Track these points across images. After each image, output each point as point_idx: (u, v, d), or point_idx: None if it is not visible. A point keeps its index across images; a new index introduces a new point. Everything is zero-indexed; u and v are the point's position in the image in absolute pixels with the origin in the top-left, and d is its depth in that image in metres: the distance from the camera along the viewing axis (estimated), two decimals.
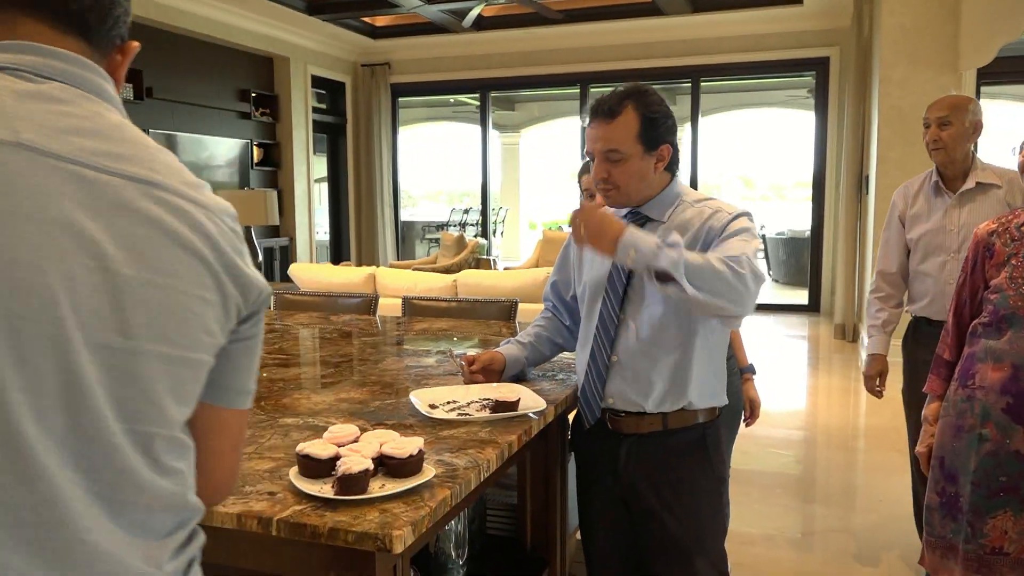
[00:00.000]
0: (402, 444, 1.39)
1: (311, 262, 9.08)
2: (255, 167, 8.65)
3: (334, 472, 1.31)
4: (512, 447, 1.63)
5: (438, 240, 11.26)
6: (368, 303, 3.55)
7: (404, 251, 11.65)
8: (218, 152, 8.10)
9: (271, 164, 8.92)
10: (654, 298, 1.79)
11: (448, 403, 1.84)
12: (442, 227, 13.76)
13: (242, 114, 8.42)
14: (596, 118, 1.79)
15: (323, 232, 10.21)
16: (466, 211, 14.26)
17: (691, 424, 1.82)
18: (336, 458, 1.35)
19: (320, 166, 9.99)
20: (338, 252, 10.31)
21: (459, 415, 1.76)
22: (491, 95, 10.22)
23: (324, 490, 1.30)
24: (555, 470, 2.05)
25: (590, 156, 1.83)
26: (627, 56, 8.95)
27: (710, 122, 12.32)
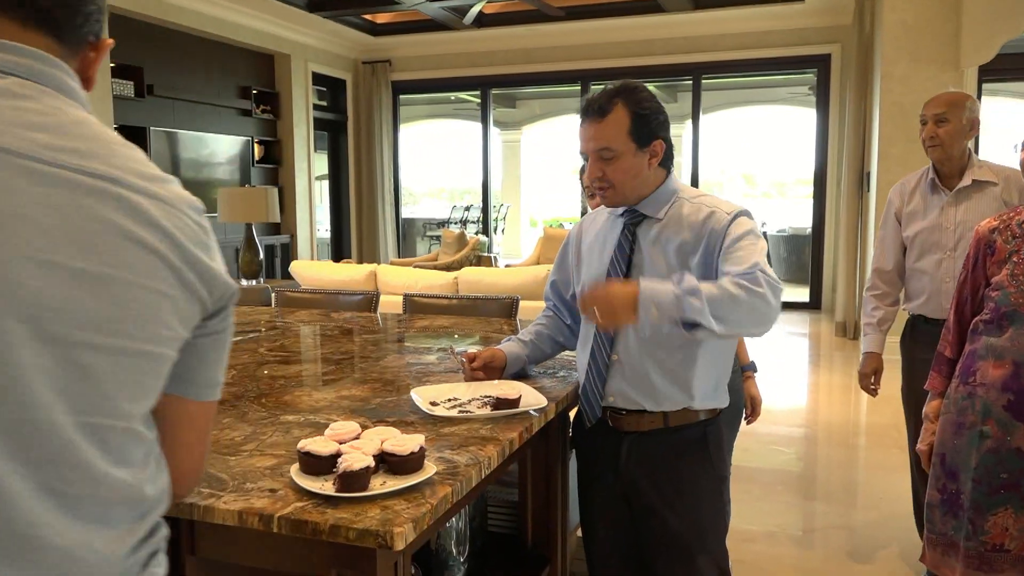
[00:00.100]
0: (403, 441, 1.39)
1: (312, 259, 9.09)
2: (256, 164, 8.65)
3: (335, 469, 1.31)
4: (513, 444, 1.63)
5: (439, 237, 11.27)
6: (369, 300, 3.55)
7: (405, 248, 11.65)
8: (219, 149, 8.10)
9: (272, 161, 8.93)
10: None
11: (449, 400, 1.84)
12: (443, 224, 13.76)
13: (243, 111, 8.41)
14: (587, 117, 1.78)
15: (324, 229, 10.21)
16: (467, 208, 14.27)
17: (692, 422, 1.82)
18: (337, 455, 1.35)
19: (321, 163, 9.99)
20: (339, 249, 10.31)
21: (460, 412, 1.76)
22: (492, 92, 10.22)
23: (325, 487, 1.30)
24: (556, 467, 2.05)
25: (583, 156, 1.83)
26: (628, 53, 8.94)
27: (711, 119, 12.31)
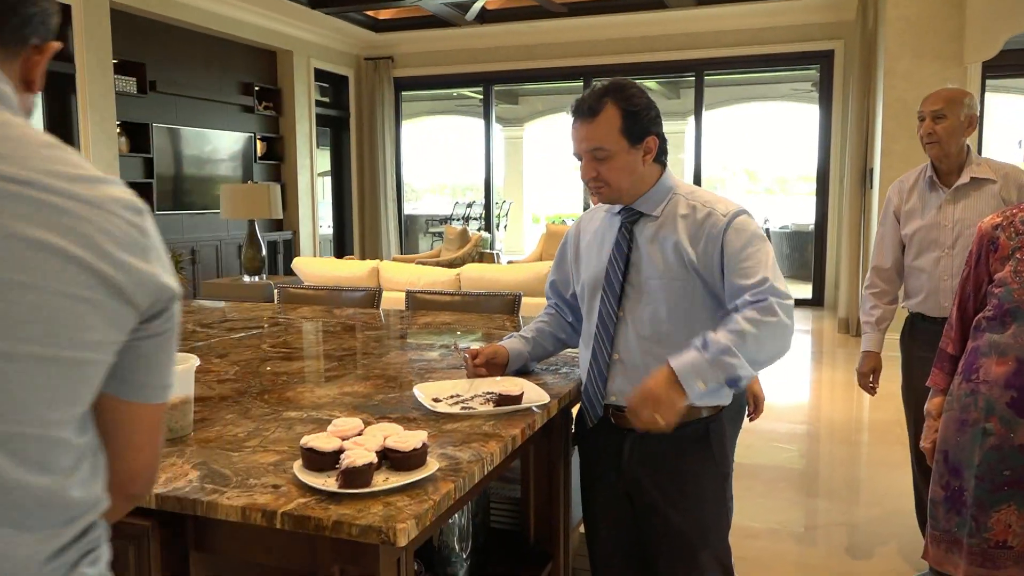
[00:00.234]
0: (406, 437, 1.39)
1: (315, 256, 9.09)
2: (258, 161, 8.65)
3: (338, 465, 1.31)
4: (516, 441, 1.63)
5: (441, 234, 11.27)
6: (372, 297, 3.55)
7: (407, 245, 11.64)
8: (221, 146, 8.10)
9: (274, 158, 8.93)
10: (654, 295, 1.79)
11: (452, 397, 1.84)
12: (445, 221, 13.76)
13: (245, 108, 8.41)
14: (578, 118, 1.77)
15: (327, 226, 10.21)
16: (469, 205, 14.26)
17: (695, 419, 1.82)
18: (340, 451, 1.35)
19: (323, 160, 9.99)
20: (341, 246, 10.32)
21: (463, 409, 1.76)
22: (494, 89, 10.21)
23: (328, 483, 1.30)
24: (558, 464, 2.05)
25: (577, 156, 1.81)
26: (630, 50, 8.93)
27: (714, 116, 12.30)
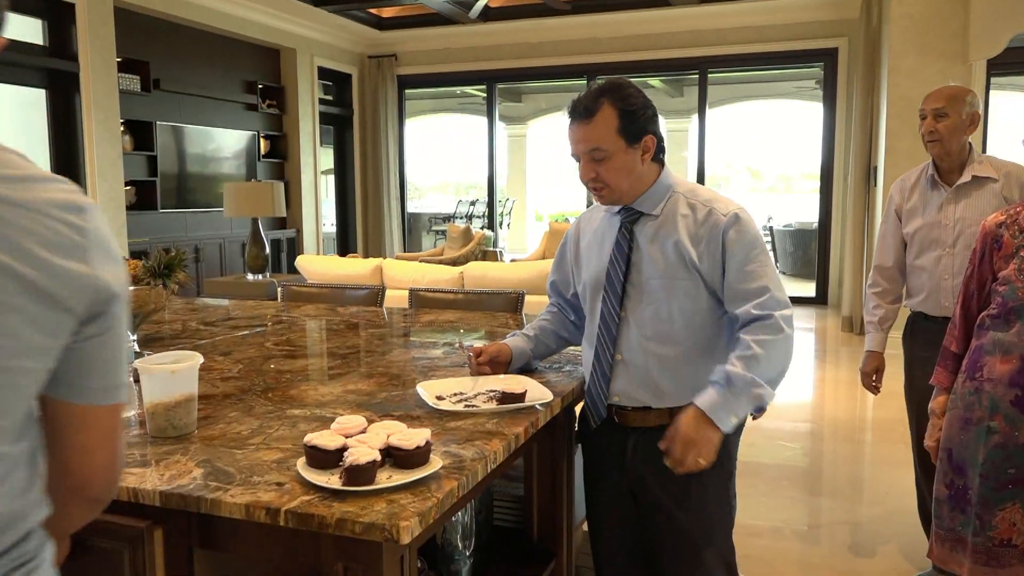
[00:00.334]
0: (409, 435, 1.39)
1: (318, 254, 9.10)
2: (262, 159, 8.66)
3: (341, 463, 1.32)
4: (519, 439, 1.63)
5: (444, 232, 11.27)
6: (375, 295, 3.55)
7: (411, 243, 11.65)
8: (225, 144, 8.11)
9: (278, 156, 8.93)
10: (655, 295, 1.78)
11: (455, 395, 1.84)
12: (448, 219, 13.76)
13: (249, 106, 8.42)
14: (574, 119, 1.75)
15: (330, 224, 10.22)
16: (472, 203, 14.26)
17: None
18: (343, 449, 1.35)
19: (327, 158, 9.99)
20: (345, 244, 10.32)
21: (466, 407, 1.76)
22: (498, 87, 10.20)
23: (332, 481, 1.31)
24: (562, 462, 2.05)
25: (575, 158, 1.79)
26: (634, 47, 8.92)
27: (717, 113, 12.29)
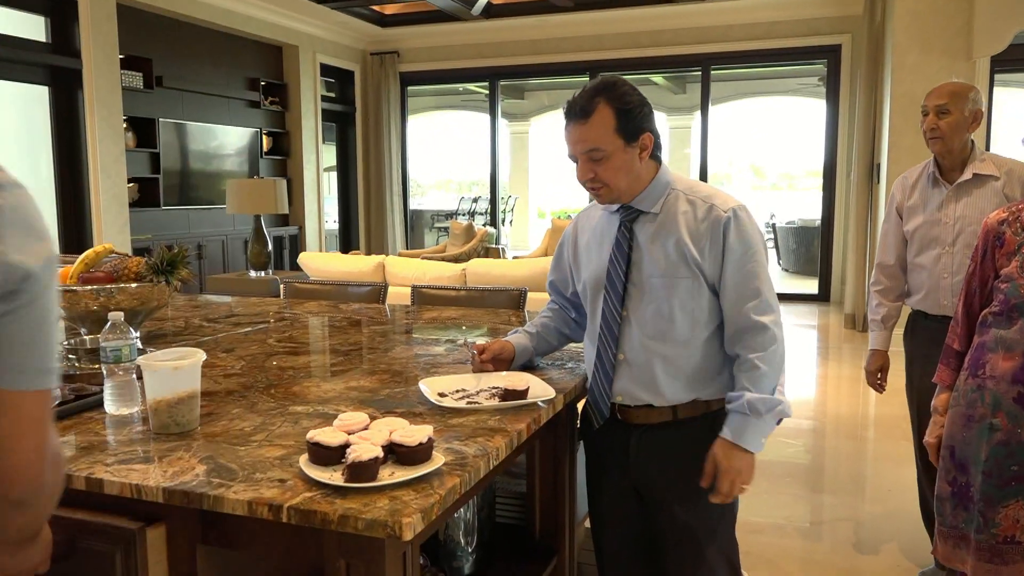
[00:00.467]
0: (412, 432, 1.39)
1: (320, 251, 9.10)
2: (264, 156, 8.66)
3: (344, 460, 1.32)
4: (521, 435, 1.63)
5: (447, 229, 11.26)
6: (377, 292, 3.55)
7: (413, 240, 11.65)
8: (228, 141, 8.11)
9: (280, 153, 8.94)
10: (657, 294, 1.77)
11: (457, 391, 1.85)
12: (451, 216, 13.77)
13: (251, 103, 8.42)
14: (571, 119, 1.73)
15: (332, 221, 10.22)
16: (475, 200, 14.27)
17: (701, 413, 1.82)
18: (346, 446, 1.35)
19: (329, 155, 9.99)
20: (347, 241, 10.33)
21: (468, 403, 1.76)
22: (500, 83, 10.19)
23: (334, 477, 1.31)
24: (564, 458, 2.05)
25: (572, 158, 1.77)
26: (637, 44, 8.90)
27: (720, 111, 12.27)
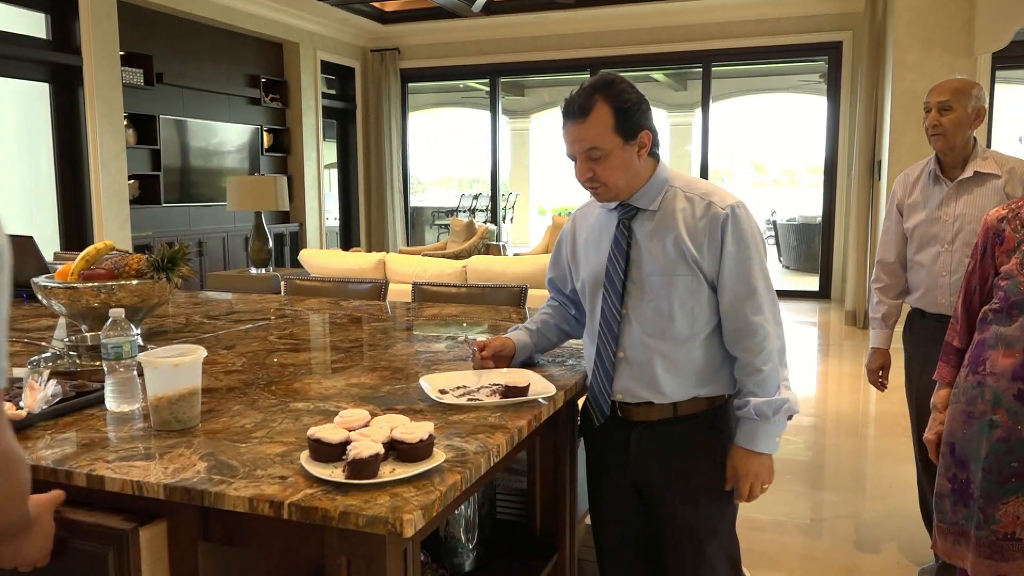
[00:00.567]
0: (412, 429, 1.39)
1: (321, 248, 9.10)
2: (265, 153, 8.66)
3: (345, 456, 1.32)
4: (522, 432, 1.63)
5: (448, 226, 11.26)
6: (378, 289, 3.55)
7: (414, 237, 11.66)
8: (228, 138, 8.11)
9: (281, 150, 8.93)
10: (656, 291, 1.77)
11: (458, 388, 1.85)
12: (452, 213, 13.77)
13: (252, 100, 8.42)
14: (569, 118, 1.72)
15: (333, 218, 10.23)
16: (475, 197, 14.26)
17: (702, 410, 1.82)
18: (347, 442, 1.36)
19: (330, 152, 9.99)
20: (348, 238, 10.33)
21: (469, 400, 1.77)
22: (501, 80, 10.19)
23: (335, 474, 1.31)
24: (565, 455, 2.05)
25: (571, 157, 1.76)
26: (638, 41, 8.90)
27: (721, 107, 12.26)
